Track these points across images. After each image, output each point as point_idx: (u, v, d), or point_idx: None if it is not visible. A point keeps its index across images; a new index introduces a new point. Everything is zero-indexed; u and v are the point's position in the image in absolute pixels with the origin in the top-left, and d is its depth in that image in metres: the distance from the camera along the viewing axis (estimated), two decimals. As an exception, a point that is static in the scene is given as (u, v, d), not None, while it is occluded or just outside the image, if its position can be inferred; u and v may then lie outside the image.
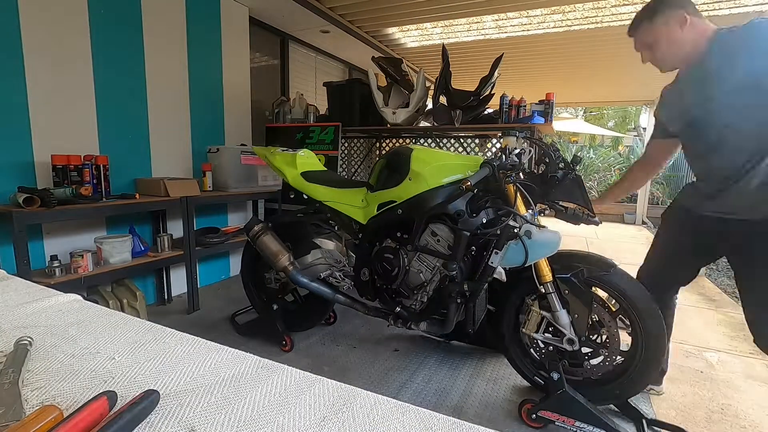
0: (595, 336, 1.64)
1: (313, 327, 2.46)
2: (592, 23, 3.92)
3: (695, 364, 2.21)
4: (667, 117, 1.50)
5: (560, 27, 4.04)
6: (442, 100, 3.01)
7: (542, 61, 5.22)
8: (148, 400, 0.47)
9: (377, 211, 1.84)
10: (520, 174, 1.63)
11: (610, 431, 1.49)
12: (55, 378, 0.55)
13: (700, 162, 1.44)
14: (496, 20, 3.93)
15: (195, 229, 2.78)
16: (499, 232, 1.58)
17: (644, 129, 9.04)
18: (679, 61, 1.41)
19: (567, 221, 1.59)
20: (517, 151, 1.68)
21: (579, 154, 1.66)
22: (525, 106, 2.90)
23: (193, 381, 0.56)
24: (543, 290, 1.60)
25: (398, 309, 1.88)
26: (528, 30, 4.16)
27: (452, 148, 3.34)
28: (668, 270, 1.62)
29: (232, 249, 3.27)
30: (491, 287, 1.78)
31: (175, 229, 2.90)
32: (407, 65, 3.35)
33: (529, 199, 1.59)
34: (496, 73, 2.82)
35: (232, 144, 3.41)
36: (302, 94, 3.76)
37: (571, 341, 1.60)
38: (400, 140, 3.63)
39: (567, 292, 1.59)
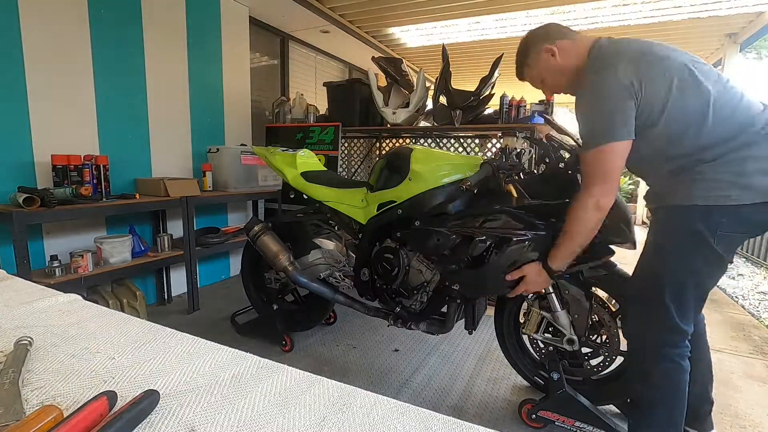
0: (595, 336, 1.64)
1: (313, 327, 2.46)
2: (592, 23, 3.92)
3: (695, 364, 2.21)
4: None
5: (560, 27, 4.03)
6: (442, 100, 3.01)
7: (542, 61, 5.21)
8: (148, 400, 0.47)
9: (377, 211, 1.84)
10: (520, 174, 1.63)
11: (610, 431, 1.49)
12: (55, 378, 0.55)
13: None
14: (497, 20, 3.93)
15: (195, 229, 2.78)
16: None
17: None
18: (571, 85, 1.40)
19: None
20: (517, 151, 1.68)
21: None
22: (525, 106, 2.90)
23: (193, 381, 0.56)
24: (543, 290, 1.60)
25: (398, 309, 1.88)
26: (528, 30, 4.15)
27: (452, 148, 3.34)
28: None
29: (232, 249, 3.27)
30: None
31: (175, 229, 2.90)
32: (407, 65, 3.35)
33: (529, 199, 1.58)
34: (496, 73, 2.82)
35: (232, 144, 3.41)
36: (302, 94, 3.76)
37: (571, 341, 1.60)
38: (400, 140, 3.63)
39: (567, 292, 1.59)
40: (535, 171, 1.71)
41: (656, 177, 1.31)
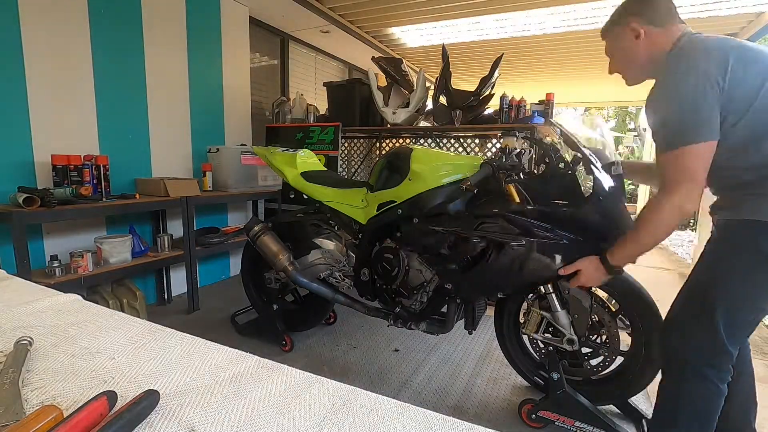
0: (595, 336, 1.64)
1: (313, 327, 2.46)
2: (592, 23, 3.92)
3: (695, 364, 2.20)
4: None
5: (560, 27, 4.04)
6: (442, 100, 3.01)
7: (542, 61, 5.22)
8: (148, 400, 0.47)
9: (377, 211, 1.84)
10: (520, 174, 1.63)
11: (610, 431, 1.49)
12: (55, 378, 0.55)
13: None
14: (497, 20, 3.93)
15: (195, 229, 2.78)
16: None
17: (644, 129, 9.04)
18: (639, 74, 1.31)
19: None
20: (517, 151, 1.68)
21: (578, 154, 1.61)
22: (525, 106, 2.90)
23: (193, 381, 0.56)
24: (543, 290, 1.60)
25: (398, 309, 1.88)
26: (528, 30, 4.16)
27: (452, 148, 3.34)
28: None
29: (232, 249, 3.27)
30: None
31: (175, 229, 2.90)
32: (407, 65, 3.35)
33: (529, 199, 1.58)
34: (496, 73, 2.82)
35: (232, 144, 3.41)
36: (302, 94, 3.76)
37: (571, 341, 1.60)
38: (400, 140, 3.63)
39: (567, 292, 1.59)
40: (535, 171, 1.70)
41: (724, 187, 1.22)
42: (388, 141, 3.70)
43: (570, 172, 1.47)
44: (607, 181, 1.41)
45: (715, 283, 1.17)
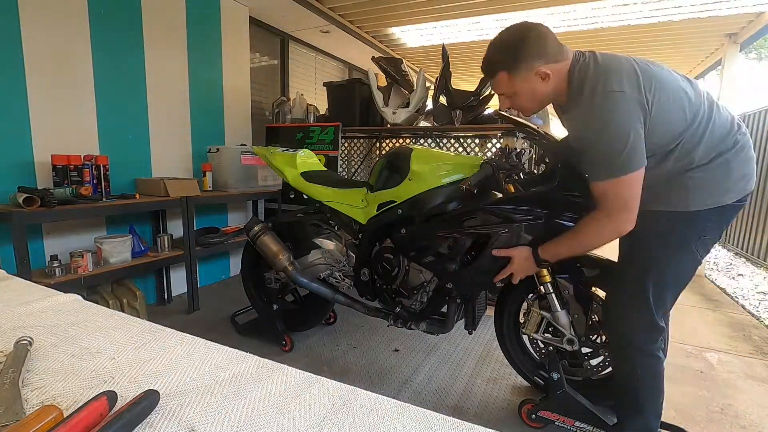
0: (595, 336, 1.64)
1: (313, 327, 2.46)
2: (592, 23, 3.92)
3: (695, 364, 2.21)
4: None
5: (560, 27, 4.04)
6: (442, 100, 3.01)
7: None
8: (148, 400, 0.47)
9: (377, 211, 1.83)
10: (520, 174, 1.63)
11: (610, 431, 1.49)
12: (55, 378, 0.55)
13: None
14: (497, 20, 3.93)
15: (195, 229, 2.78)
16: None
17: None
18: (541, 107, 1.37)
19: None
20: (517, 151, 1.68)
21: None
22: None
23: (193, 381, 0.56)
24: (543, 290, 1.60)
25: (398, 309, 1.88)
26: (528, 30, 4.15)
27: (452, 148, 3.34)
28: None
29: (232, 249, 3.27)
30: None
31: (175, 229, 2.90)
32: (407, 65, 3.35)
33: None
34: (496, 73, 2.81)
35: (232, 144, 3.41)
36: (302, 94, 3.76)
37: (571, 341, 1.60)
38: (400, 140, 3.63)
39: (567, 292, 1.59)
40: (535, 171, 1.71)
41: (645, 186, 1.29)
42: (388, 141, 3.70)
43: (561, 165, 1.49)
44: (562, 150, 1.47)
45: (647, 271, 1.30)
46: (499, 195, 1.60)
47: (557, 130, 1.64)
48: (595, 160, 1.22)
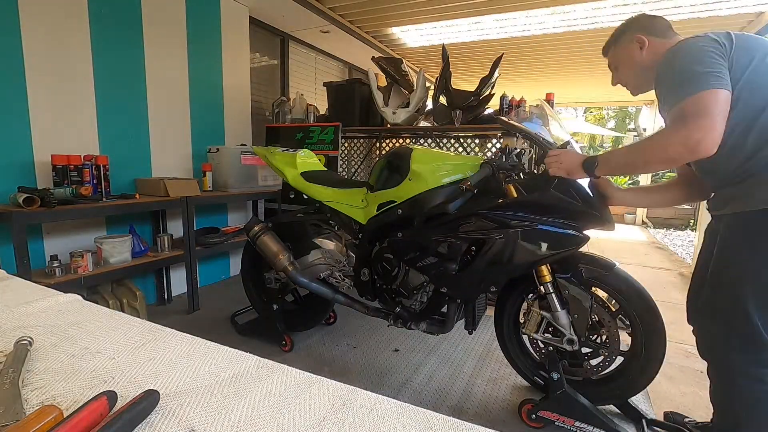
0: (595, 336, 1.64)
1: (313, 327, 2.46)
2: (592, 23, 3.92)
3: (695, 364, 2.21)
4: None
5: (560, 27, 4.04)
6: (442, 100, 3.01)
7: (542, 61, 5.23)
8: (148, 400, 0.47)
9: (377, 211, 1.84)
10: (520, 174, 1.63)
11: (610, 431, 1.49)
12: (55, 378, 0.55)
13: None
14: (497, 20, 3.93)
15: (195, 229, 2.78)
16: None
17: (644, 129, 9.04)
18: (642, 82, 1.36)
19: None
20: (517, 151, 1.68)
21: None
22: (525, 106, 2.90)
23: (193, 381, 0.56)
24: (543, 290, 1.60)
25: (398, 309, 1.88)
26: (528, 30, 4.16)
27: (452, 148, 3.34)
28: None
29: (232, 249, 3.27)
30: None
31: (175, 229, 2.90)
32: (407, 65, 3.35)
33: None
34: (496, 73, 2.81)
35: (232, 144, 3.41)
36: (302, 94, 3.76)
37: (571, 341, 1.60)
38: (400, 140, 3.63)
39: (567, 292, 1.59)
40: (535, 171, 1.71)
41: (728, 182, 1.19)
42: (388, 141, 3.70)
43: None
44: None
45: (741, 278, 1.13)
46: (499, 196, 1.60)
47: (557, 131, 1.63)
48: (673, 88, 1.13)
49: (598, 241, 5.57)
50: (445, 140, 3.34)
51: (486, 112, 3.02)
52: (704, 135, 1.04)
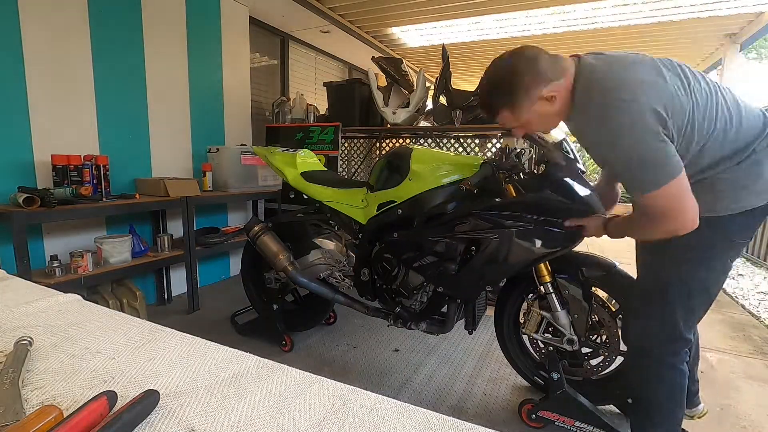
0: (595, 336, 1.64)
1: (313, 327, 2.46)
2: (592, 23, 3.92)
3: (695, 364, 2.21)
4: None
5: (560, 27, 4.04)
6: (442, 100, 3.01)
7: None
8: (148, 400, 0.47)
9: (377, 211, 1.84)
10: (520, 174, 1.63)
11: (610, 431, 1.49)
12: (55, 378, 0.55)
13: None
14: (497, 20, 3.93)
15: (195, 229, 2.78)
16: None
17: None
18: (558, 123, 1.30)
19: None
20: (517, 151, 1.68)
21: (580, 153, 1.63)
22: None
23: (193, 381, 0.56)
24: (543, 290, 1.60)
25: (398, 309, 1.88)
26: (528, 30, 4.16)
27: (452, 148, 3.34)
28: None
29: (232, 249, 3.27)
30: None
31: (175, 229, 2.90)
32: (407, 65, 3.35)
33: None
34: (496, 74, 2.81)
35: (232, 144, 3.41)
36: (302, 94, 3.76)
37: (571, 341, 1.60)
38: (400, 140, 3.63)
39: (567, 292, 1.59)
40: (535, 171, 1.70)
41: None
42: (388, 141, 3.70)
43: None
44: (559, 160, 1.47)
45: (671, 282, 1.23)
46: (499, 196, 1.60)
47: (555, 131, 1.63)
48: (630, 177, 1.14)
49: (599, 241, 5.57)
50: (445, 140, 3.34)
51: (486, 112, 3.02)
52: (684, 222, 1.10)
